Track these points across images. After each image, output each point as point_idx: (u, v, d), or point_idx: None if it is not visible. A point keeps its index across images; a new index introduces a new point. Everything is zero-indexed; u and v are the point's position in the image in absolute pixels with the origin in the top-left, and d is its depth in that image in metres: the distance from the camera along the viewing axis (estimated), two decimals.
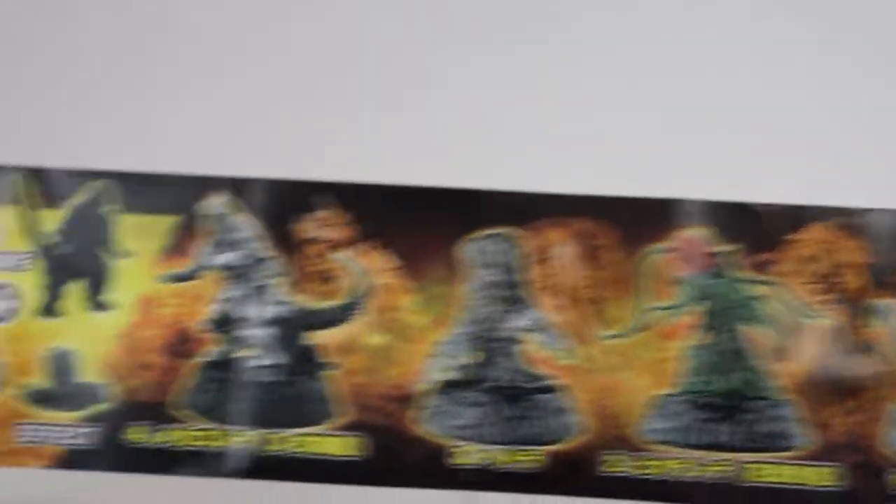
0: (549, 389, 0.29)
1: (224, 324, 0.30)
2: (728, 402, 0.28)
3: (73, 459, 0.29)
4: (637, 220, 0.29)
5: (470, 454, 0.29)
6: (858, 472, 0.29)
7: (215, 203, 0.29)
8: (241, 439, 0.29)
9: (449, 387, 0.29)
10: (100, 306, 0.30)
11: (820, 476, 0.28)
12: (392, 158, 0.37)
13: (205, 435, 0.29)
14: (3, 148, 0.38)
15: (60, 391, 0.29)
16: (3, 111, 0.37)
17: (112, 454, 0.29)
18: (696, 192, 0.31)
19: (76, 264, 0.29)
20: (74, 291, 0.30)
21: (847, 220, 0.29)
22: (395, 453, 0.28)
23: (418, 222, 0.29)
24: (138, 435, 0.29)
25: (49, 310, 0.30)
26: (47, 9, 0.42)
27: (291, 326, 0.29)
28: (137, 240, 0.29)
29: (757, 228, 0.29)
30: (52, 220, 0.30)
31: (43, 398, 0.29)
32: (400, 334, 0.30)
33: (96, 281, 0.30)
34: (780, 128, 0.36)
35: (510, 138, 0.40)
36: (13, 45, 0.44)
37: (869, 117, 0.36)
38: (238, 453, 0.28)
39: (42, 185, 0.30)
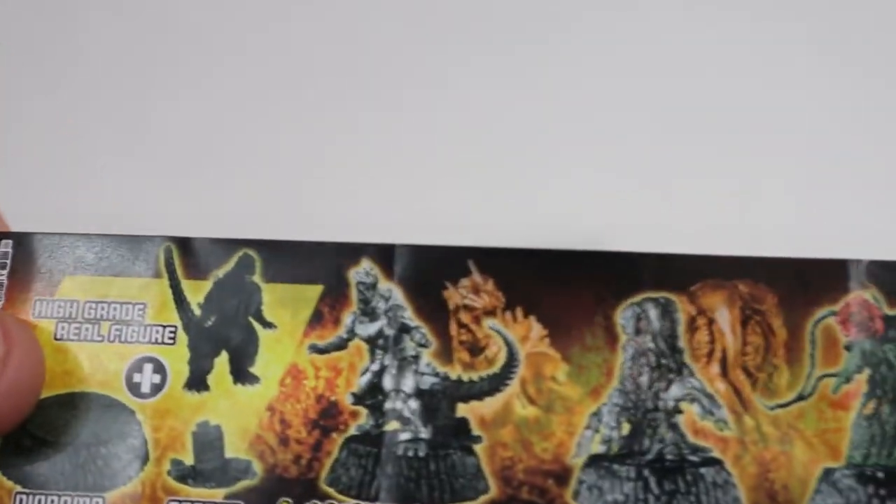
0: (709, 462, 0.28)
1: (371, 396, 0.29)
2: (894, 477, 0.27)
3: None
4: (800, 283, 0.28)
5: None
6: None
7: (361, 271, 0.29)
8: None
9: (603, 460, 0.28)
10: (246, 379, 0.29)
11: None
12: (538, 221, 0.36)
13: None
14: (146, 218, 0.38)
15: (208, 467, 0.29)
16: (146, 182, 0.37)
17: None
18: (863, 252, 0.30)
19: (221, 337, 0.29)
20: (220, 365, 0.29)
21: None
22: None
23: (567, 287, 0.28)
24: None
25: (195, 384, 0.29)
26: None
27: (440, 398, 0.29)
28: (283, 310, 0.29)
29: None
30: (197, 292, 0.29)
31: (190, 474, 0.29)
32: (551, 406, 0.28)
33: (242, 354, 0.29)
34: None
35: (662, 198, 0.39)
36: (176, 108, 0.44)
37: None
38: None
39: (187, 255, 0.29)
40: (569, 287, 0.28)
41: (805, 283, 0.28)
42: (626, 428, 0.28)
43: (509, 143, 0.45)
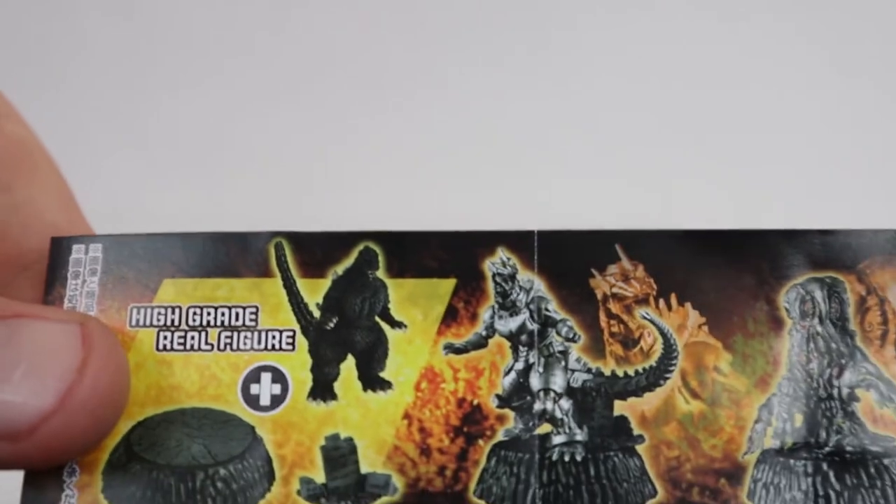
0: (892, 453, 0.26)
1: (518, 397, 0.26)
2: None
3: None
4: None
5: None
6: None
7: (497, 261, 0.26)
8: None
9: (778, 455, 0.26)
10: (377, 386, 0.26)
11: None
12: (682, 200, 0.34)
13: None
14: (254, 213, 0.35)
15: (342, 484, 0.26)
16: (251, 174, 0.35)
17: None
18: None
19: (346, 340, 0.26)
20: (346, 371, 0.26)
21: None
22: None
23: (724, 270, 0.26)
24: None
25: (321, 393, 0.26)
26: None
27: (594, 396, 0.26)
28: (413, 308, 0.26)
29: None
30: (314, 291, 0.26)
31: (323, 493, 0.26)
32: (717, 399, 0.26)
33: (370, 357, 0.26)
34: None
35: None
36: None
37: None
38: None
39: (300, 251, 0.26)
40: (726, 270, 0.26)
41: None
42: (798, 419, 0.25)
43: (515, 142, 0.43)
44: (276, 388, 0.25)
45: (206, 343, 0.26)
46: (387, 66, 0.42)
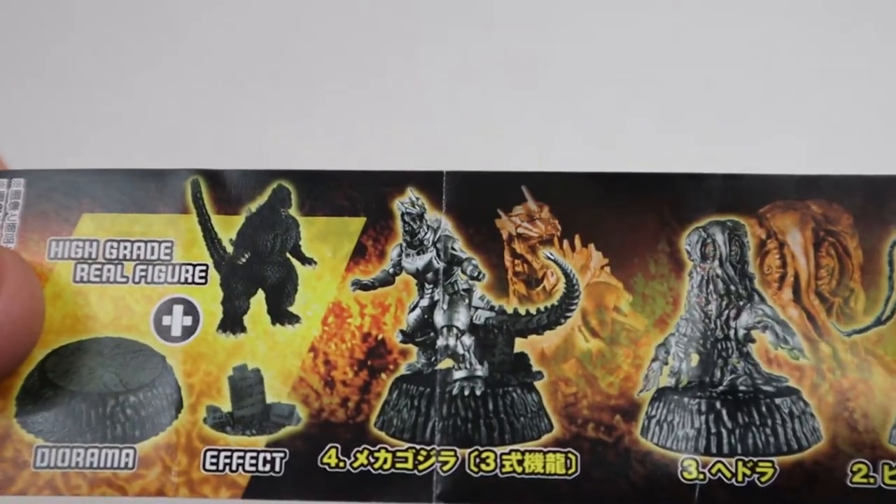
0: (784, 392, 0.26)
1: (421, 333, 0.27)
2: None
3: (263, 488, 0.26)
4: (876, 202, 0.26)
5: (697, 468, 0.26)
6: None
7: (406, 200, 0.27)
8: (448, 459, 0.26)
9: (673, 393, 0.26)
10: (285, 319, 0.27)
11: None
12: (589, 144, 0.35)
13: (408, 456, 0.26)
14: (172, 151, 0.36)
15: (247, 413, 0.26)
16: (171, 113, 0.35)
17: (305, 481, 0.26)
18: None
19: (257, 275, 0.27)
20: (256, 304, 0.27)
21: None
22: (615, 469, 0.25)
23: (628, 212, 0.26)
24: (333, 459, 0.26)
25: (230, 325, 0.27)
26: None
27: (496, 333, 0.27)
28: (323, 245, 0.27)
29: None
30: (228, 228, 0.27)
31: (228, 422, 0.26)
32: (615, 338, 0.27)
33: (280, 292, 0.27)
34: None
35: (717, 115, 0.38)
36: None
37: None
38: (445, 475, 0.25)
39: (216, 188, 0.27)
40: (629, 212, 0.27)
41: (881, 201, 0.26)
42: (695, 359, 0.26)
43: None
44: (188, 320, 0.26)
45: (122, 276, 0.26)
46: (387, 66, 0.42)
